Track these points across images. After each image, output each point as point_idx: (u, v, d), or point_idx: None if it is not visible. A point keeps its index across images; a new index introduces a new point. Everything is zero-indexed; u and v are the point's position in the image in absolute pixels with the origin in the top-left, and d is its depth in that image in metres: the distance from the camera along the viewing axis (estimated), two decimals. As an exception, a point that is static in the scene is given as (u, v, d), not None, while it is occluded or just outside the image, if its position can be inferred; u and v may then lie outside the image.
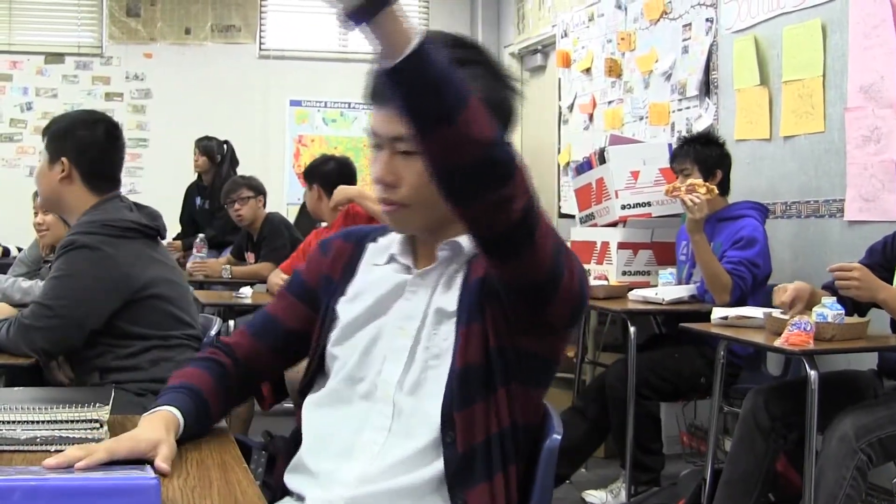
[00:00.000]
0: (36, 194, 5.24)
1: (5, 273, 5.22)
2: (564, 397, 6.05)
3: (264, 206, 7.14)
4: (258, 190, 7.09)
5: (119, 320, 3.23)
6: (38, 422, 1.95)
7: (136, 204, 3.50)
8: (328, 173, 5.80)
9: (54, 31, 10.00)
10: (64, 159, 3.38)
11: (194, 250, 7.20)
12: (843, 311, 3.82)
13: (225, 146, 8.70)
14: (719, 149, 5.28)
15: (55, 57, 9.93)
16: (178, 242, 8.43)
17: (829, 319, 3.77)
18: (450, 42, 1.89)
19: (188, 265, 7.09)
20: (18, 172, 9.69)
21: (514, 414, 1.92)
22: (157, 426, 1.85)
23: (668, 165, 5.45)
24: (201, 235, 7.30)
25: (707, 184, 4.97)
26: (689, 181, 4.99)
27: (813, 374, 3.68)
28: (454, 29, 2.08)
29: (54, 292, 3.19)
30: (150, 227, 3.40)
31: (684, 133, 6.26)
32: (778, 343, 3.71)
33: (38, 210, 5.10)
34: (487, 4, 10.29)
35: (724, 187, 5.20)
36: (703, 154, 5.17)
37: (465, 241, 1.97)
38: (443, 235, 1.99)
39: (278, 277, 5.69)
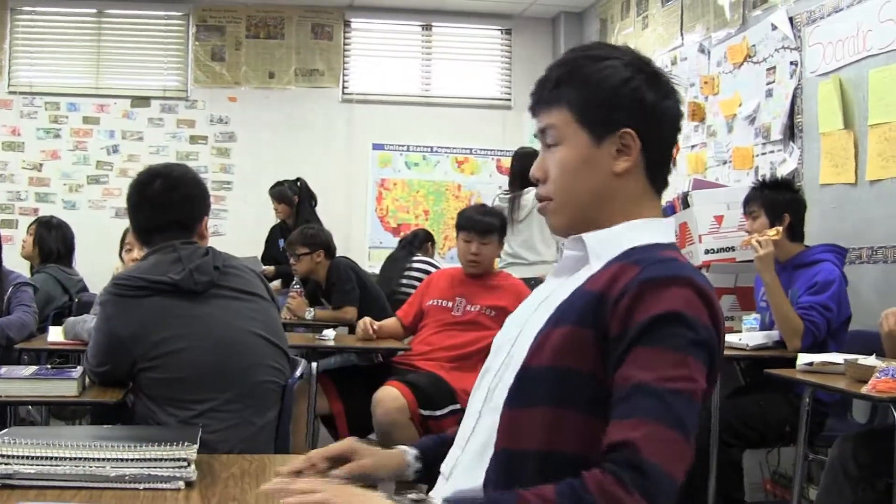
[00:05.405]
0: (127, 232, 5.31)
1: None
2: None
3: (329, 256, 7.06)
4: (315, 245, 6.97)
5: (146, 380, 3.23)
6: (126, 459, 1.97)
7: (209, 249, 3.35)
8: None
9: (141, 76, 10.18)
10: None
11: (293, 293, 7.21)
12: (930, 357, 3.76)
13: (298, 183, 8.78)
14: (791, 193, 5.25)
15: (141, 100, 10.09)
16: (279, 281, 8.49)
17: (918, 365, 3.71)
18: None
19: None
20: (104, 214, 9.84)
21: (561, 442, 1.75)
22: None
23: (752, 209, 5.42)
24: (298, 287, 7.27)
25: (777, 227, 4.98)
26: (759, 234, 4.99)
27: (901, 421, 3.63)
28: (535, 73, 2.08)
29: (90, 341, 3.42)
30: (163, 284, 3.16)
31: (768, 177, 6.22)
32: (864, 390, 3.65)
33: (133, 246, 5.16)
34: (570, 46, 10.26)
35: (796, 232, 5.15)
36: (771, 198, 5.13)
37: (590, 238, 1.89)
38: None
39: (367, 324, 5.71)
